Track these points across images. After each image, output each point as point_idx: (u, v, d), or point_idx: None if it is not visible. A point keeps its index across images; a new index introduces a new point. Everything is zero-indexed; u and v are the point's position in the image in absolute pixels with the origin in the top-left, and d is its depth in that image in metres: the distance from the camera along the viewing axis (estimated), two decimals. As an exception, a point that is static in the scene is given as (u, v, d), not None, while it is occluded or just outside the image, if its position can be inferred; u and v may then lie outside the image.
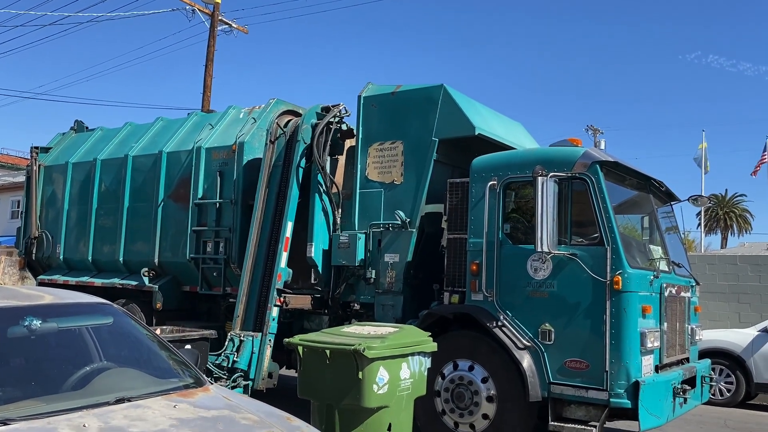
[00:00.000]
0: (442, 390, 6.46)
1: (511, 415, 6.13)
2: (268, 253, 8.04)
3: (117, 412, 3.20)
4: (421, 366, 5.42)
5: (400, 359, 5.18)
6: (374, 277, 7.49)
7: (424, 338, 5.60)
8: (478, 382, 6.26)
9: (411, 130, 7.52)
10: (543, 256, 6.05)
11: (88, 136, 11.31)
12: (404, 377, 5.21)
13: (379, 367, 4.98)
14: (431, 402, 6.51)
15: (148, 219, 9.56)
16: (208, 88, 19.52)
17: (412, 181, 7.44)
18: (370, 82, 8.08)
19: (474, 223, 6.57)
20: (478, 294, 6.44)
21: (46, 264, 11.12)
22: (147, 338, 4.25)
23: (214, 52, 19.75)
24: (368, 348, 4.89)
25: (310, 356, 5.24)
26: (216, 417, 3.32)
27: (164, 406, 3.34)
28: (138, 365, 4.07)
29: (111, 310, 4.32)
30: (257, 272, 8.05)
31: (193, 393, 3.67)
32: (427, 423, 6.59)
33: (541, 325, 6.08)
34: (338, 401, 5.02)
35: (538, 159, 6.21)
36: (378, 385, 4.98)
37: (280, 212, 8.03)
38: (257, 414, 3.44)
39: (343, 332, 5.53)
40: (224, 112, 9.53)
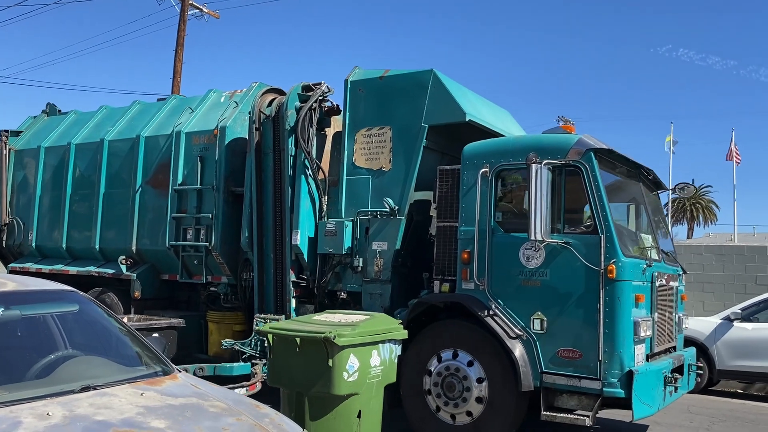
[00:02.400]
0: (435, 372, 6.36)
1: (503, 406, 6.06)
2: (275, 245, 7.87)
3: (82, 401, 3.15)
4: (391, 353, 5.47)
5: (370, 347, 5.22)
6: (362, 265, 7.34)
7: (394, 326, 5.64)
8: (469, 372, 6.17)
9: (400, 115, 7.37)
10: (536, 244, 5.98)
11: (61, 120, 10.95)
12: (375, 364, 5.25)
13: (350, 354, 5.00)
14: (421, 397, 6.42)
15: (125, 205, 9.28)
16: (178, 73, 19.30)
17: (401, 168, 7.30)
18: (356, 66, 7.91)
19: (465, 210, 6.46)
20: (469, 283, 6.35)
21: (17, 252, 10.77)
22: (114, 326, 4.19)
23: (184, 36, 19.54)
24: (339, 336, 4.91)
25: (281, 344, 5.24)
26: (184, 405, 3.30)
27: (131, 394, 3.31)
28: (104, 353, 4.01)
29: (76, 298, 4.25)
30: (268, 264, 7.90)
31: (160, 381, 3.64)
32: (423, 424, 6.47)
33: (534, 314, 6.00)
34: (308, 389, 5.03)
35: (531, 146, 6.12)
36: (348, 373, 5.01)
37: (279, 201, 7.84)
38: (225, 401, 3.43)
39: (313, 320, 5.53)
40: (204, 96, 9.27)
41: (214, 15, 21.00)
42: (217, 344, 8.44)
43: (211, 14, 20.93)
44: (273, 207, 7.96)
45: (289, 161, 7.78)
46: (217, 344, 8.44)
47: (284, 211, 7.85)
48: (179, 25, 19.48)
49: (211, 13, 20.91)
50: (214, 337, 8.54)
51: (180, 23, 19.49)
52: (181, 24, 19.50)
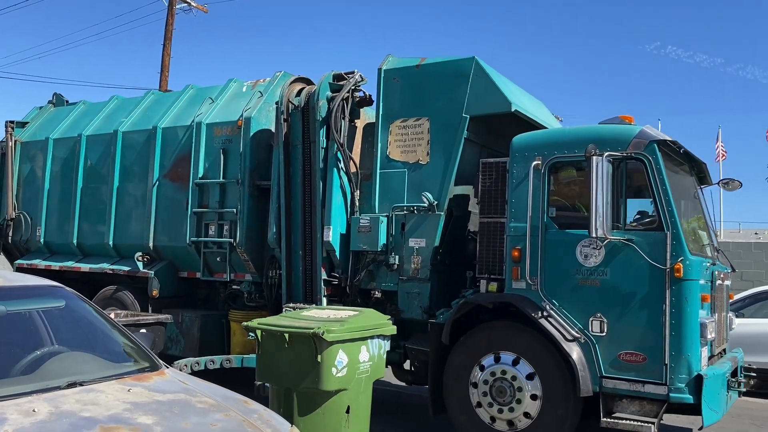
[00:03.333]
0: (480, 382, 6.03)
1: (555, 412, 5.74)
2: (305, 241, 7.51)
3: (68, 397, 3.13)
4: (380, 349, 5.49)
5: (359, 342, 5.22)
6: (398, 263, 6.99)
7: (383, 321, 5.67)
8: (521, 377, 5.85)
9: (438, 106, 7.01)
10: (595, 241, 5.65)
11: (70, 111, 10.51)
12: (363, 360, 5.25)
13: (338, 350, 5.02)
14: (465, 392, 6.10)
15: (142, 200, 8.88)
16: (166, 67, 19.20)
17: (440, 161, 6.95)
18: (389, 54, 7.54)
19: (515, 206, 6.12)
20: (520, 282, 6.01)
21: (24, 248, 10.33)
22: (101, 322, 4.17)
23: (172, 30, 19.42)
24: (327, 331, 4.91)
25: (269, 340, 5.22)
26: (171, 401, 3.28)
27: (118, 390, 3.29)
28: (91, 349, 3.99)
29: (63, 293, 4.21)
30: (296, 261, 7.54)
31: (148, 377, 3.63)
32: (459, 413, 6.17)
33: (592, 315, 5.68)
34: (297, 384, 5.03)
35: (589, 137, 5.78)
36: (337, 368, 5.01)
37: (309, 196, 7.47)
38: (213, 397, 3.42)
39: (302, 316, 5.55)
40: (225, 86, 8.87)
41: (203, 9, 20.74)
42: (240, 345, 8.09)
43: (200, 8, 20.67)
44: (302, 201, 7.60)
45: (320, 154, 7.41)
46: (240, 345, 8.09)
47: (314, 206, 7.49)
48: (167, 19, 19.42)
49: (200, 8, 20.66)
50: (237, 337, 8.17)
51: (168, 17, 19.45)
52: (169, 18, 19.44)
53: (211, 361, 7.03)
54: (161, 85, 18.81)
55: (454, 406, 6.24)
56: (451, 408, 6.27)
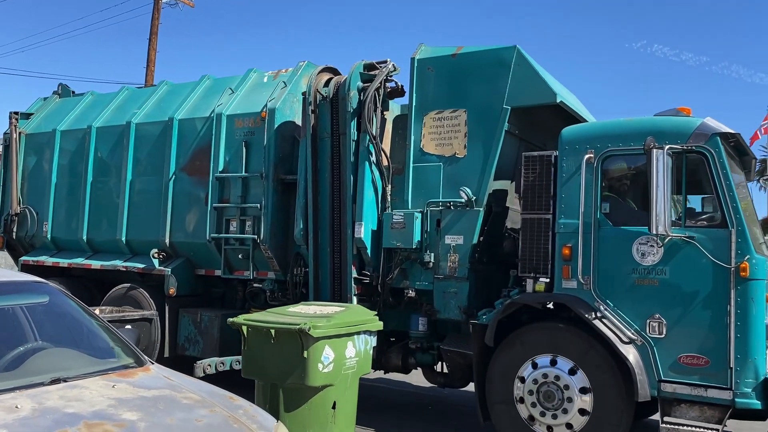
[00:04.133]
0: (529, 380, 5.75)
1: (610, 418, 5.47)
2: (333, 238, 7.20)
3: (52, 393, 3.11)
4: (366, 344, 5.50)
5: (345, 338, 5.24)
6: (433, 261, 6.70)
7: (370, 317, 5.69)
8: (571, 381, 5.57)
9: (476, 96, 6.71)
10: (653, 239, 5.38)
11: (77, 102, 10.10)
12: (350, 356, 5.28)
13: (325, 345, 5.03)
14: (510, 397, 5.84)
15: (157, 194, 8.50)
16: (151, 62, 19.05)
17: (478, 155, 6.65)
18: (422, 43, 7.23)
19: (565, 201, 5.84)
20: (570, 281, 5.73)
21: (29, 244, 9.92)
22: (85, 318, 4.14)
23: (158, 25, 19.21)
24: (313, 327, 4.92)
25: (255, 336, 5.21)
26: (157, 397, 3.27)
27: (102, 386, 3.28)
28: (75, 345, 3.97)
29: (46, 289, 4.19)
30: (324, 259, 7.22)
31: (133, 373, 3.61)
32: (504, 421, 5.90)
33: (650, 316, 5.41)
34: (283, 380, 5.03)
35: (647, 129, 5.50)
36: (323, 364, 5.03)
37: (338, 190, 7.15)
38: (199, 393, 3.42)
39: (288, 312, 5.54)
40: (244, 76, 8.51)
41: (189, 3, 20.36)
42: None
43: (186, 2, 20.29)
44: (330, 197, 7.27)
45: (351, 147, 7.08)
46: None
47: (344, 202, 7.16)
48: (153, 13, 19.15)
49: (186, 2, 20.28)
50: (258, 338, 7.83)
51: (154, 12, 19.32)
52: (155, 12, 19.30)
53: (237, 361, 6.71)
54: (147, 79, 18.67)
55: (498, 412, 5.95)
56: (495, 414, 5.99)
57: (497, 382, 5.96)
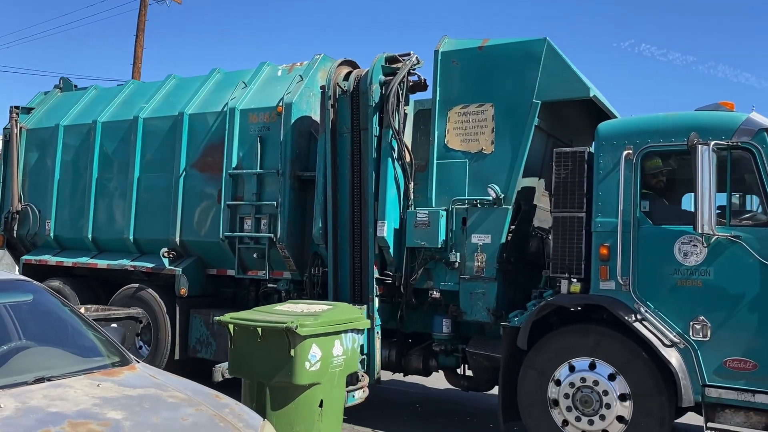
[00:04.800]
0: (565, 383, 5.54)
1: (650, 426, 5.26)
2: (353, 236, 6.95)
3: (36, 392, 3.10)
4: (354, 343, 5.50)
5: (333, 336, 5.23)
6: (459, 260, 6.48)
7: (357, 315, 5.71)
8: (611, 387, 5.36)
9: (504, 90, 6.49)
10: (695, 238, 5.18)
11: (80, 96, 9.79)
12: (337, 354, 5.27)
13: (312, 344, 5.01)
14: (543, 400, 5.63)
15: (166, 191, 8.23)
16: (138, 59, 18.80)
17: (506, 150, 6.43)
18: (445, 35, 7.00)
19: (602, 199, 5.62)
20: (609, 282, 5.53)
21: (30, 242, 9.61)
22: (70, 316, 4.12)
23: (145, 22, 18.94)
24: (301, 325, 4.90)
25: (242, 334, 5.20)
26: (142, 395, 3.26)
27: (87, 385, 3.26)
28: (60, 344, 3.95)
29: (31, 287, 4.17)
30: (343, 258, 6.97)
31: (118, 371, 3.60)
32: (537, 424, 5.69)
33: (693, 318, 5.21)
34: (269, 379, 5.01)
35: (690, 125, 5.29)
36: (310, 362, 5.01)
37: (358, 188, 6.91)
38: (185, 392, 3.41)
39: (275, 310, 5.52)
40: (257, 69, 8.24)
41: (177, 0, 20.09)
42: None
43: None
44: (350, 194, 7.03)
45: (372, 142, 6.84)
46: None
47: (364, 199, 6.92)
48: (140, 10, 18.88)
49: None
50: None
51: (141, 8, 19.09)
52: (141, 9, 19.14)
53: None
54: (133, 76, 18.46)
55: (530, 415, 5.74)
56: (527, 417, 5.78)
57: (530, 385, 5.75)
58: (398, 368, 7.31)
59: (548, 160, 6.68)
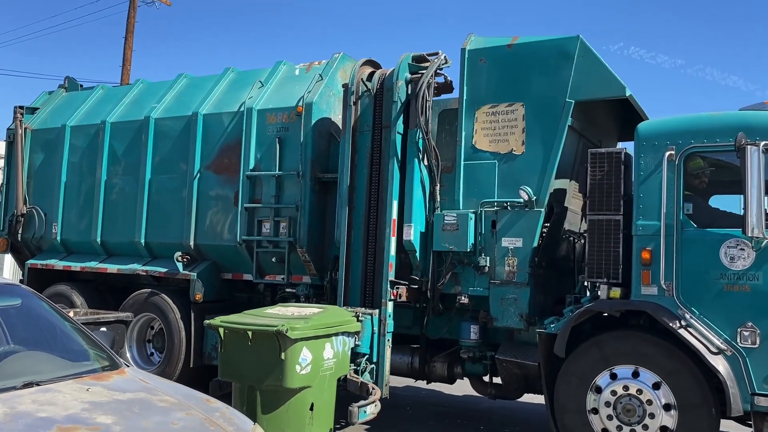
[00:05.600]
0: (606, 391, 5.35)
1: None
2: (367, 238, 6.69)
3: (24, 397, 3.07)
4: (344, 346, 5.55)
5: (323, 339, 5.26)
6: (489, 265, 6.28)
7: (348, 318, 5.77)
8: (654, 395, 5.18)
9: (536, 90, 6.30)
10: (742, 242, 5.01)
11: (87, 96, 9.54)
12: (328, 357, 5.29)
13: (302, 347, 5.03)
14: (582, 409, 5.44)
15: (179, 194, 8.00)
16: (127, 61, 18.63)
17: (538, 151, 6.24)
18: (471, 33, 6.81)
19: (643, 201, 5.45)
20: (650, 287, 5.34)
21: (36, 246, 9.34)
22: (59, 320, 4.10)
23: (134, 24, 18.72)
24: (291, 329, 4.92)
25: (232, 338, 5.21)
26: (132, 400, 3.26)
27: (76, 390, 3.25)
28: (49, 348, 3.93)
29: (19, 291, 4.17)
30: (356, 261, 6.72)
31: (107, 376, 3.58)
32: None
33: (741, 325, 5.04)
34: (260, 382, 5.04)
35: (736, 125, 5.12)
36: (301, 366, 5.03)
37: (376, 187, 6.69)
38: (175, 396, 3.40)
39: (266, 313, 5.54)
40: (274, 68, 8.02)
41: (166, 2, 19.88)
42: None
43: (163, 1, 19.86)
44: (367, 193, 6.79)
45: (396, 140, 6.63)
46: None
47: (382, 198, 6.67)
48: (129, 12, 18.72)
49: (163, 0, 19.79)
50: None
51: (130, 10, 18.91)
52: (131, 11, 18.94)
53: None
54: (123, 78, 18.24)
55: (568, 423, 5.55)
56: (564, 425, 5.59)
57: (567, 392, 5.55)
58: (422, 375, 7.10)
59: (580, 161, 6.51)
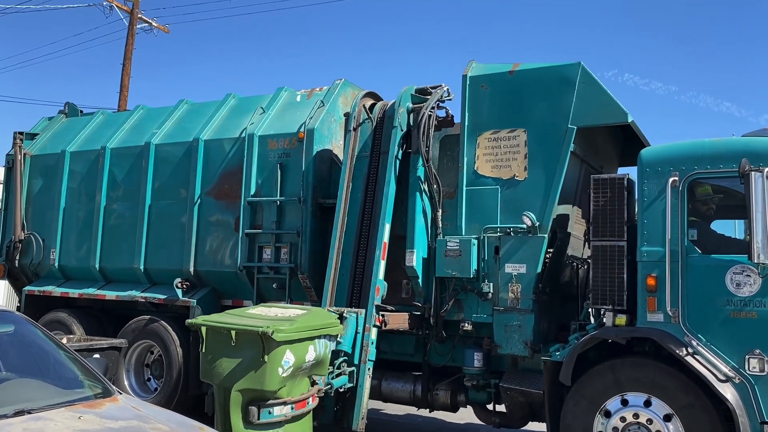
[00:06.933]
0: (615, 417, 5.26)
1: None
2: (356, 262, 6.64)
3: (16, 425, 3.04)
4: (326, 348, 5.52)
5: (307, 342, 5.21)
6: (492, 291, 6.24)
7: (332, 320, 5.72)
8: (665, 427, 5.11)
9: (537, 115, 6.32)
10: (748, 268, 4.98)
11: (87, 122, 9.56)
12: (309, 359, 5.26)
13: (286, 350, 4.99)
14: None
15: (179, 219, 7.98)
16: (125, 87, 18.72)
17: (540, 177, 6.24)
18: (472, 60, 6.85)
19: (648, 227, 5.43)
20: (656, 314, 5.30)
21: (33, 272, 9.27)
22: (52, 347, 4.09)
23: (132, 50, 18.90)
24: (277, 331, 4.86)
25: (214, 338, 5.13)
26: (124, 428, 3.25)
27: (68, 418, 3.22)
28: (41, 375, 3.90)
29: (12, 318, 4.15)
30: (343, 285, 6.64)
31: (100, 403, 3.56)
32: None
33: (750, 352, 4.99)
34: (240, 384, 4.95)
35: (740, 151, 5.13)
36: (283, 368, 4.98)
37: (369, 211, 6.67)
38: (168, 424, 3.37)
39: (248, 314, 5.47)
40: (275, 95, 8.05)
41: (164, 29, 20.04)
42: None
43: (161, 28, 19.98)
44: (360, 218, 6.77)
45: (393, 164, 6.63)
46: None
47: (375, 222, 6.65)
48: (127, 39, 18.80)
49: (161, 28, 19.95)
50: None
51: (128, 37, 19.04)
52: (129, 38, 19.07)
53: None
54: (120, 105, 18.32)
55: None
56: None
57: (576, 413, 5.46)
58: (424, 404, 7.01)
59: (582, 187, 6.50)
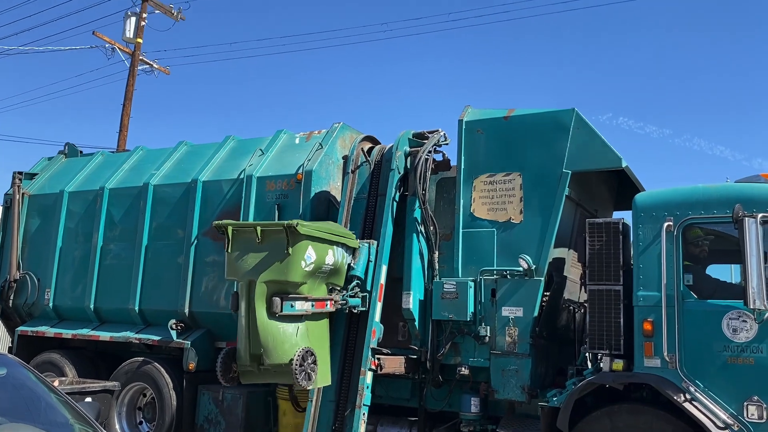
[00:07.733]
0: None
1: None
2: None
3: None
4: (343, 258, 6.04)
5: (327, 245, 5.73)
6: (489, 334, 6.22)
7: (348, 233, 6.30)
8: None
9: (533, 160, 6.40)
10: (745, 314, 4.99)
11: (86, 162, 9.62)
12: (328, 263, 5.76)
13: (308, 245, 5.42)
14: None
15: (176, 260, 7.97)
16: (125, 127, 18.77)
17: (536, 220, 6.28)
18: (468, 105, 6.96)
19: (644, 272, 5.45)
20: (653, 359, 5.28)
21: (27, 313, 9.22)
22: (44, 391, 4.08)
23: (133, 91, 19.17)
24: (300, 224, 5.34)
25: (240, 236, 5.50)
26: None
27: None
28: (32, 419, 3.86)
29: (5, 361, 4.16)
30: (338, 325, 6.60)
31: None
32: None
33: (748, 398, 4.96)
34: (265, 277, 5.32)
35: (734, 197, 5.19)
36: (305, 262, 5.38)
37: None
38: None
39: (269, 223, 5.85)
40: (274, 137, 8.13)
41: (165, 71, 20.35)
42: (291, 427, 7.11)
43: (162, 70, 20.29)
44: None
45: (391, 206, 6.67)
46: (291, 427, 7.11)
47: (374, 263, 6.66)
48: (128, 80, 18.95)
49: (162, 69, 20.26)
50: (287, 418, 7.18)
51: (129, 78, 19.09)
52: (130, 79, 19.21)
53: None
54: (119, 145, 18.35)
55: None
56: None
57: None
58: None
59: (578, 231, 6.55)
